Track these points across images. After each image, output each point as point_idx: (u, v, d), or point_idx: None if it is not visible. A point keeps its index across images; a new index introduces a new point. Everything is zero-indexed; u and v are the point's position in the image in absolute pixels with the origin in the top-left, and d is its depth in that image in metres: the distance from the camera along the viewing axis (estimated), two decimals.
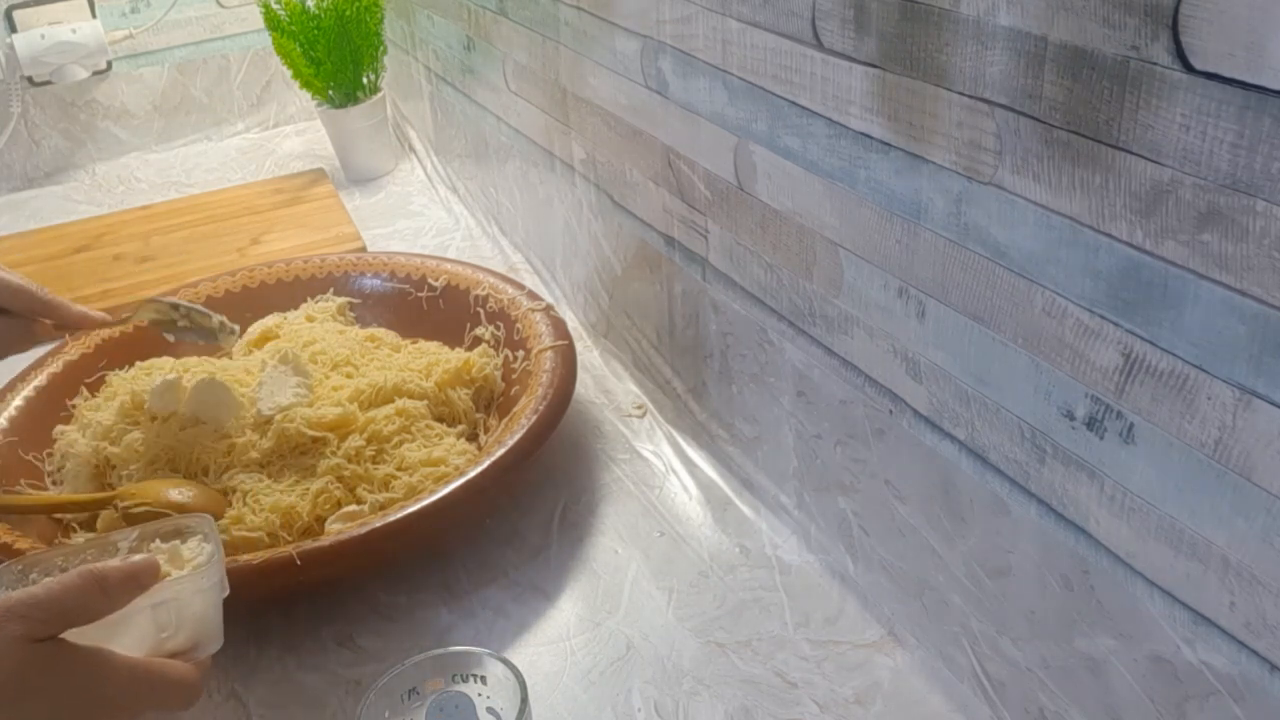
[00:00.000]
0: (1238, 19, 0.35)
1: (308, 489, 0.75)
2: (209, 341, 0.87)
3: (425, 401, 0.83)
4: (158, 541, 0.58)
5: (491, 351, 0.90)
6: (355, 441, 0.78)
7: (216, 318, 0.86)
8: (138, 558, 0.55)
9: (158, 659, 0.54)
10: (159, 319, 0.86)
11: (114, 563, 0.54)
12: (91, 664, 0.51)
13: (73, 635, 0.51)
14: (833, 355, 0.63)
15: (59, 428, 0.86)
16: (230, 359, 0.94)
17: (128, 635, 0.54)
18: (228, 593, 0.57)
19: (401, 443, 0.79)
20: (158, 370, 0.88)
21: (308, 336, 0.91)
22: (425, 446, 0.79)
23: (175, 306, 0.86)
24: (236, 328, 0.87)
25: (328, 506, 0.75)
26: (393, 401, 0.82)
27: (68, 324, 0.79)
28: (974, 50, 0.46)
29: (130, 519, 0.73)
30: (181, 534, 0.59)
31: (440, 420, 0.84)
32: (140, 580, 0.54)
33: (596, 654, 0.66)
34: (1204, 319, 0.39)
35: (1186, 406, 0.41)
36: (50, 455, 0.84)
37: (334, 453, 0.78)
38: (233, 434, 0.80)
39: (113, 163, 1.59)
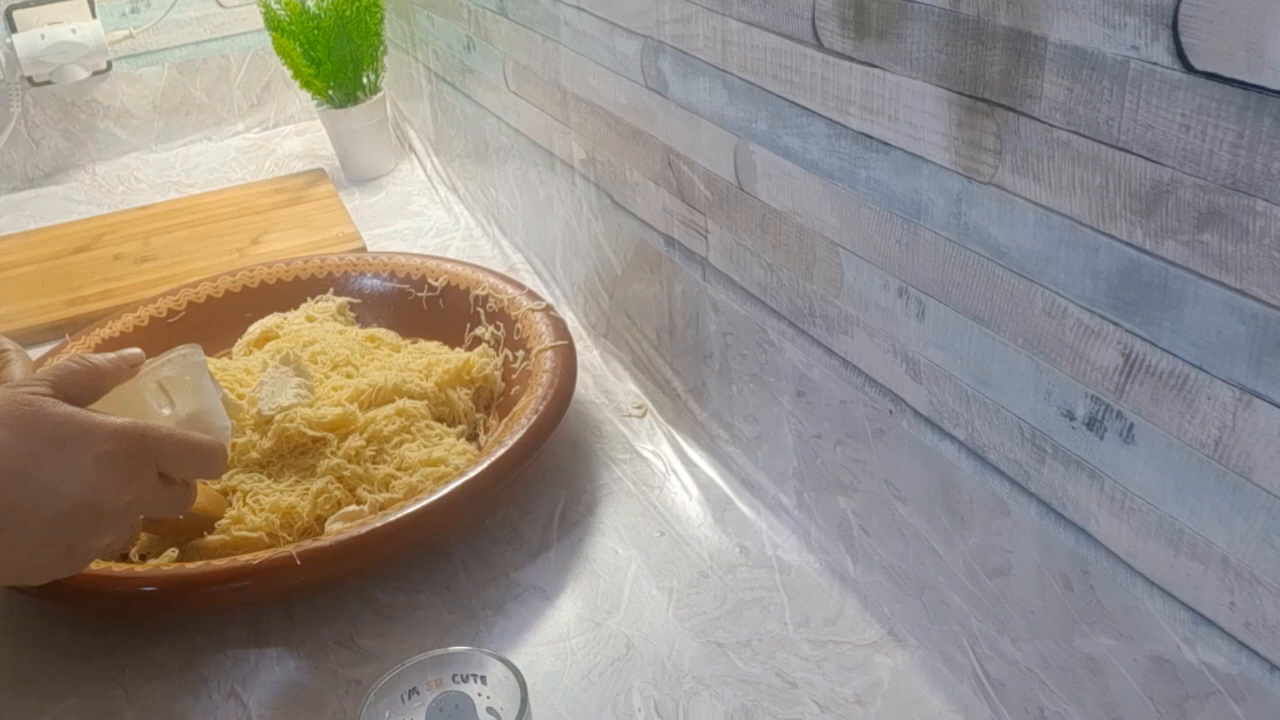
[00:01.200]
0: (1238, 19, 0.35)
1: (308, 489, 0.75)
2: None
3: (425, 401, 0.83)
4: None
5: (491, 351, 0.90)
6: (355, 441, 0.78)
7: None
8: (126, 350, 0.64)
9: (180, 429, 0.62)
10: None
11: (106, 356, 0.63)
12: (119, 424, 0.58)
13: None
14: (833, 355, 0.63)
15: None
16: (230, 359, 0.94)
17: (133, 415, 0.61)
18: (222, 392, 0.67)
19: (401, 443, 0.79)
20: None
21: (308, 336, 0.91)
22: (425, 446, 0.79)
23: None
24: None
25: (328, 506, 0.75)
26: (393, 401, 0.82)
27: None
28: (974, 50, 0.46)
29: None
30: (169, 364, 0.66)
31: (440, 420, 0.84)
32: (127, 359, 0.63)
33: (596, 654, 0.66)
34: (1204, 319, 0.39)
35: (1186, 406, 0.41)
36: None
37: (334, 453, 0.78)
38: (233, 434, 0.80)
39: (113, 163, 1.59)
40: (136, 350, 0.64)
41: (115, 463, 0.57)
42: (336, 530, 0.71)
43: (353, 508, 0.75)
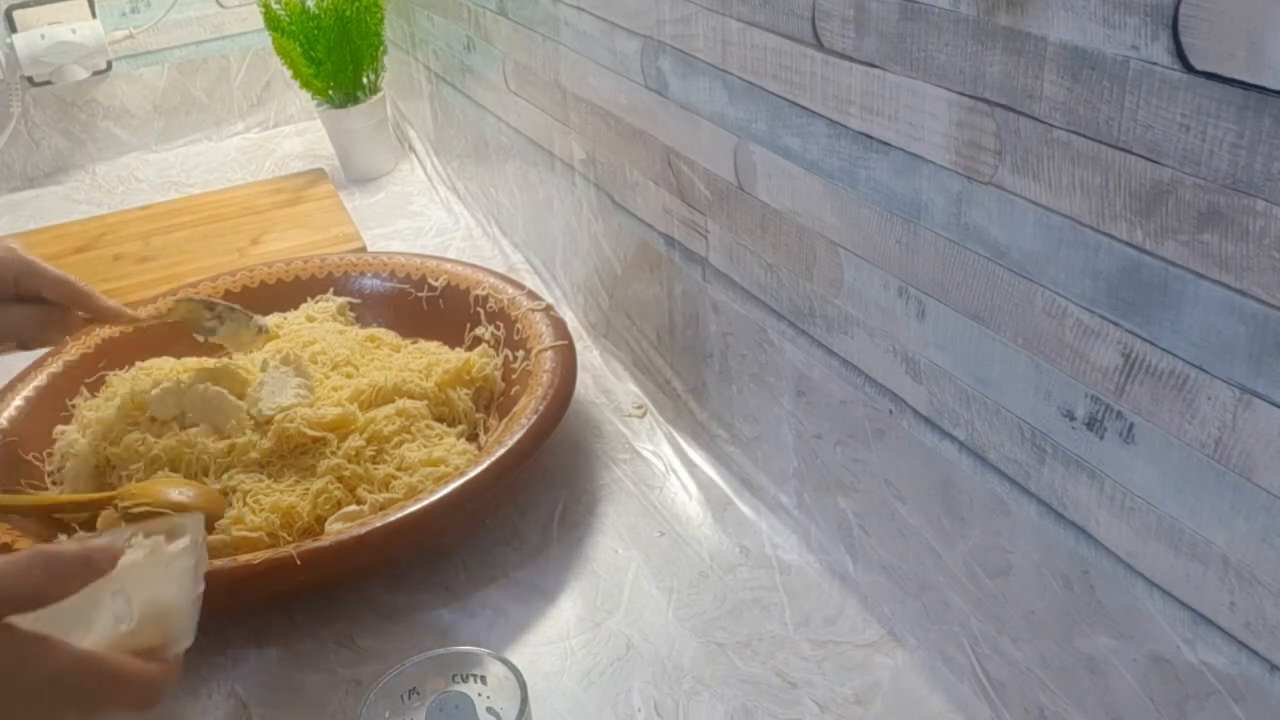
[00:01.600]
0: (1238, 19, 0.35)
1: (308, 489, 0.75)
2: (238, 347, 0.89)
3: (425, 401, 0.83)
4: (140, 536, 0.54)
5: (491, 351, 0.90)
6: (355, 441, 0.78)
7: (254, 321, 0.88)
8: (96, 541, 0.50)
9: (115, 654, 0.49)
10: (191, 318, 0.87)
11: (69, 544, 0.49)
12: (34, 649, 0.46)
13: (28, 621, 0.46)
14: (833, 355, 0.63)
15: (59, 428, 0.86)
16: (230, 358, 0.94)
17: (87, 626, 0.50)
18: (202, 588, 0.53)
19: (401, 443, 0.79)
20: (158, 370, 0.88)
21: (308, 336, 0.91)
22: (425, 446, 0.79)
23: (210, 306, 0.88)
24: (268, 327, 0.89)
25: (328, 506, 0.75)
26: (393, 401, 0.82)
27: (101, 317, 0.81)
28: (974, 50, 0.46)
29: (130, 519, 0.73)
30: (172, 532, 0.55)
31: (440, 420, 0.84)
32: (95, 565, 0.49)
33: (596, 654, 0.66)
34: (1204, 319, 0.39)
35: (1186, 406, 0.41)
36: (50, 455, 0.84)
37: (334, 453, 0.78)
38: (233, 435, 0.80)
39: (113, 163, 1.59)
40: (109, 548, 0.50)
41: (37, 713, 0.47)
42: (336, 530, 0.71)
43: (353, 508, 0.75)
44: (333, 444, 0.79)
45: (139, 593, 0.51)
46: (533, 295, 0.93)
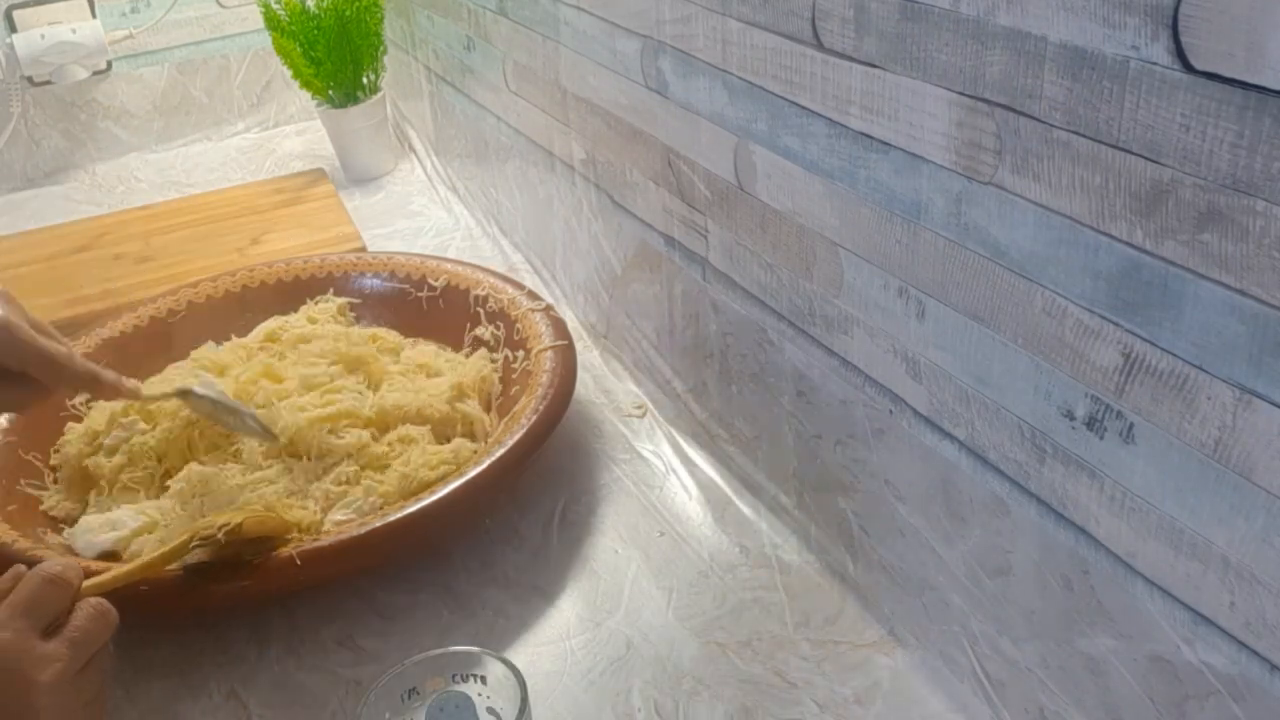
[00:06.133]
0: (1238, 19, 0.35)
1: (309, 490, 0.75)
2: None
3: (428, 426, 0.81)
4: None
5: (491, 352, 0.90)
6: (359, 438, 0.78)
7: (247, 415, 0.78)
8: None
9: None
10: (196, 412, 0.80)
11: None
12: None
13: None
14: (833, 355, 0.63)
15: (70, 425, 0.86)
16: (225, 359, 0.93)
17: None
18: None
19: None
20: (166, 380, 0.88)
21: (308, 336, 0.91)
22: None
23: (214, 403, 0.78)
24: (269, 431, 0.79)
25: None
26: (405, 424, 0.81)
27: (98, 395, 0.77)
28: (974, 50, 0.46)
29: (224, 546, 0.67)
30: None
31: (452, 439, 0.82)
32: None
33: (596, 654, 0.66)
34: (1204, 319, 0.39)
35: (1186, 406, 0.41)
36: (56, 451, 0.84)
37: (335, 454, 0.78)
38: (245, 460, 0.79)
39: (113, 163, 1.59)
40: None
41: None
42: (337, 524, 0.71)
43: (354, 499, 0.74)
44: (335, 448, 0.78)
45: None
46: (533, 295, 0.93)
